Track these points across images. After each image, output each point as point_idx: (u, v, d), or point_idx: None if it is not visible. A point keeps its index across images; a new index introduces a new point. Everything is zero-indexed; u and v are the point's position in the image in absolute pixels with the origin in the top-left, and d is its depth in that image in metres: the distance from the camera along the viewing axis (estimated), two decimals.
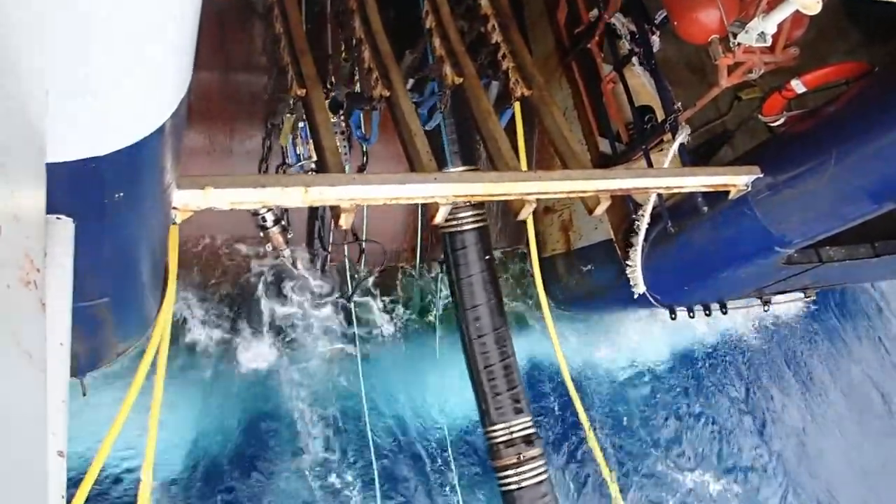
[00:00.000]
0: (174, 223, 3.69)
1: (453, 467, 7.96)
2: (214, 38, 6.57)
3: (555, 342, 6.33)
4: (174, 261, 4.18)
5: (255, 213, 6.68)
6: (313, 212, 7.49)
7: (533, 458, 6.46)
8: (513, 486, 6.46)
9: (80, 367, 5.33)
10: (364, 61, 5.23)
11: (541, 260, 7.21)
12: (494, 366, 6.59)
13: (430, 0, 5.59)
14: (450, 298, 7.10)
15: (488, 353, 6.58)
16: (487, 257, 6.63)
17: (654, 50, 6.05)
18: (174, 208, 3.53)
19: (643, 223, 6.18)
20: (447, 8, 5.59)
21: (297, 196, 3.85)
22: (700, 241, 6.23)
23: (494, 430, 6.54)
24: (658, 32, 6.30)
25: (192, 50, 2.36)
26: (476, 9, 5.68)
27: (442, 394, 8.35)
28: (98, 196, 2.58)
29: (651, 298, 6.77)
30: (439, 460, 8.18)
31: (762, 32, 4.47)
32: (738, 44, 4.66)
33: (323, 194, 3.93)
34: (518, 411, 6.57)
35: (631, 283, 6.63)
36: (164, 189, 3.15)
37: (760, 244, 5.84)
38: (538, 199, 4.62)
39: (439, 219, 4.41)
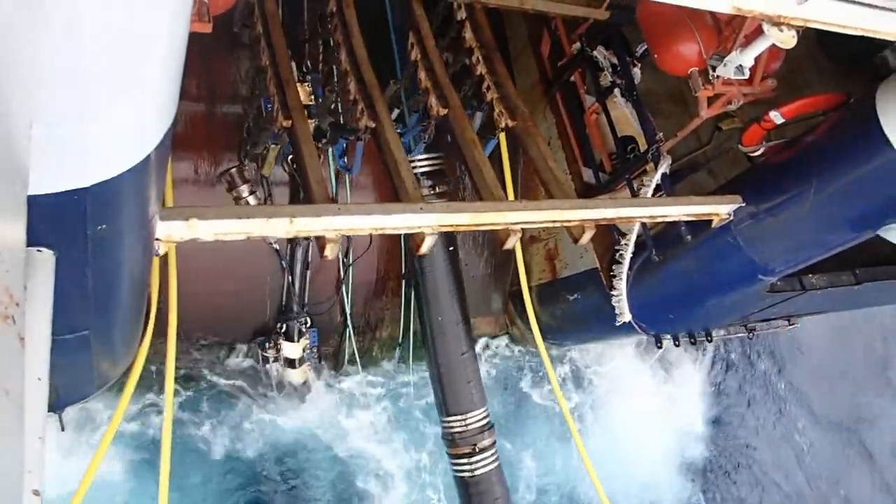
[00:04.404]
0: (157, 255, 3.65)
1: None
2: (200, 69, 6.58)
3: (547, 365, 6.41)
4: (156, 292, 4.14)
5: None
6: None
7: (486, 448, 6.79)
8: (465, 474, 6.85)
9: (59, 401, 5.21)
10: (349, 93, 5.26)
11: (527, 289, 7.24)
12: (454, 359, 6.84)
13: (415, 32, 5.65)
14: None
15: (449, 346, 6.82)
16: (451, 248, 6.70)
17: (636, 81, 6.14)
18: (157, 240, 3.49)
19: (627, 252, 6.21)
20: (432, 40, 5.65)
21: (282, 226, 3.83)
22: (684, 269, 6.26)
23: (451, 421, 6.85)
24: (639, 64, 6.41)
25: (178, 82, 2.36)
26: (460, 41, 5.75)
27: None
28: (80, 228, 2.55)
29: (636, 327, 6.78)
30: None
31: (740, 65, 4.56)
32: (717, 76, 4.75)
33: (308, 225, 3.92)
34: (474, 403, 6.87)
35: (616, 311, 6.64)
36: (148, 220, 3.13)
37: (744, 272, 5.88)
38: (524, 229, 4.64)
39: (425, 249, 4.40)
